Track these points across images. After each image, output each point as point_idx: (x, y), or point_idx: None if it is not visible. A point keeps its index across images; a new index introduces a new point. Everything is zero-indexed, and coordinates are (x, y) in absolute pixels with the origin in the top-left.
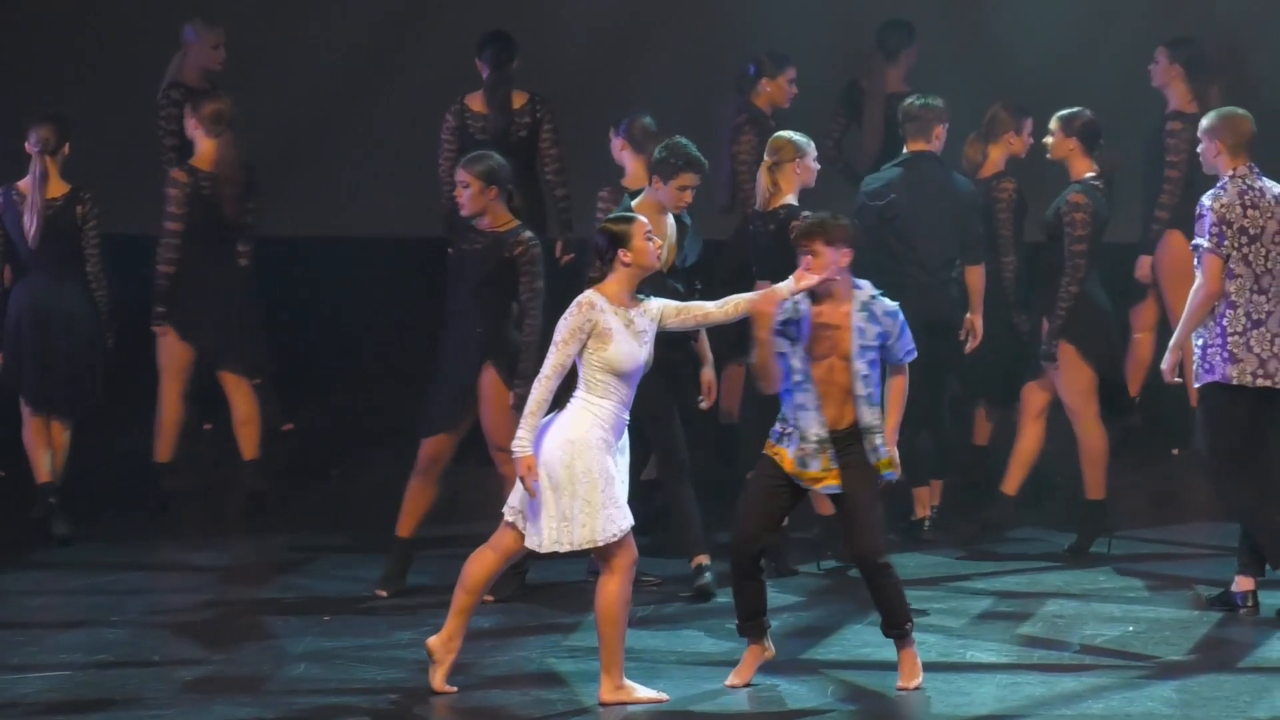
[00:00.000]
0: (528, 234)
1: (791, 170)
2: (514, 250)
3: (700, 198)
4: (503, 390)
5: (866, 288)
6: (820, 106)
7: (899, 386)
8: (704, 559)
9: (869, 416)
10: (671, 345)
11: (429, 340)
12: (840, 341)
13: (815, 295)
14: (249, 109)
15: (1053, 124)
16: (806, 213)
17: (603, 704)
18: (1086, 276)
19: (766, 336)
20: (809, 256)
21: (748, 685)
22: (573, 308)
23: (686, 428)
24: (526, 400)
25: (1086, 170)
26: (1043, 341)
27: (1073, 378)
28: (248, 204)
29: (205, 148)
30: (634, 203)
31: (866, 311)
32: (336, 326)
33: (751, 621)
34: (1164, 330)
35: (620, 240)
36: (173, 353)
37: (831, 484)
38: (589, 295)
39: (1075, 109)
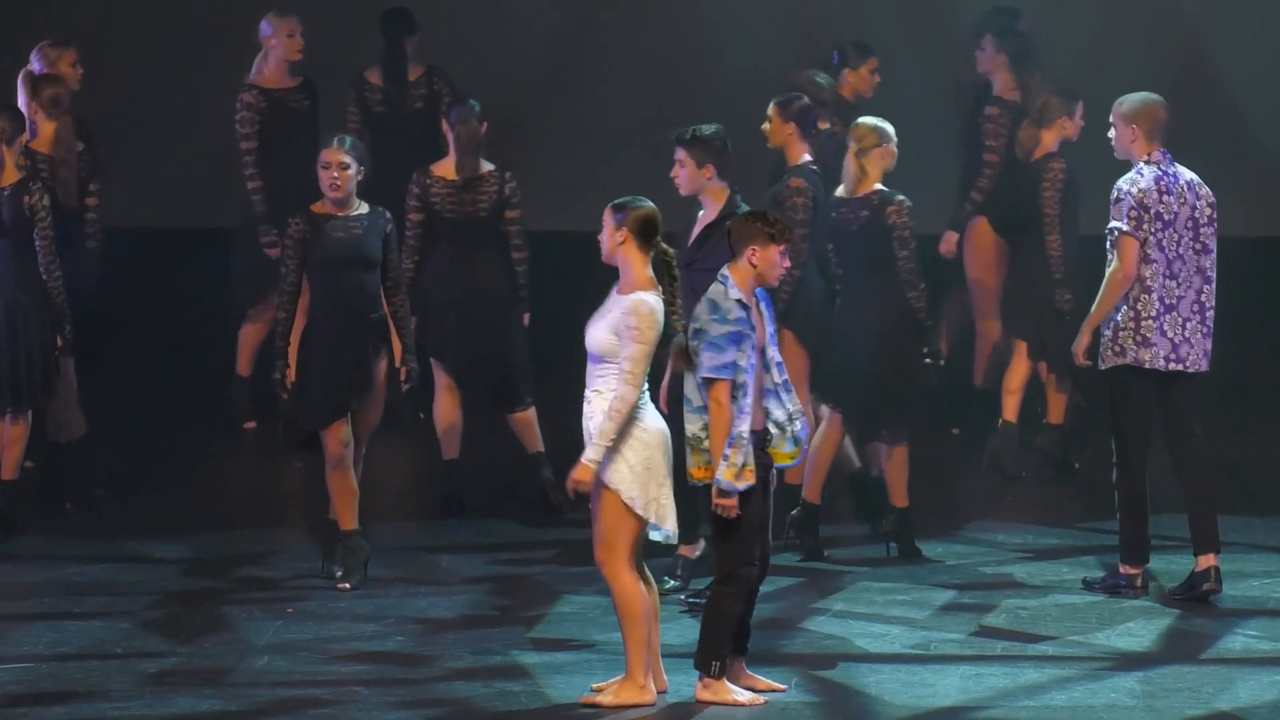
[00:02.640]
0: (383, 208)
1: (878, 156)
2: (387, 228)
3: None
4: (382, 375)
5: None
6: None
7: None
8: (688, 552)
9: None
10: None
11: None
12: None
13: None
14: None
15: (770, 110)
16: (901, 196)
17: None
18: (806, 261)
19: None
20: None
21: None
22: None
23: None
24: (415, 374)
25: (804, 154)
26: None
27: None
28: (89, 187)
29: (45, 131)
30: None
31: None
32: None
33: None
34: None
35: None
36: None
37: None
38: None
39: (793, 94)
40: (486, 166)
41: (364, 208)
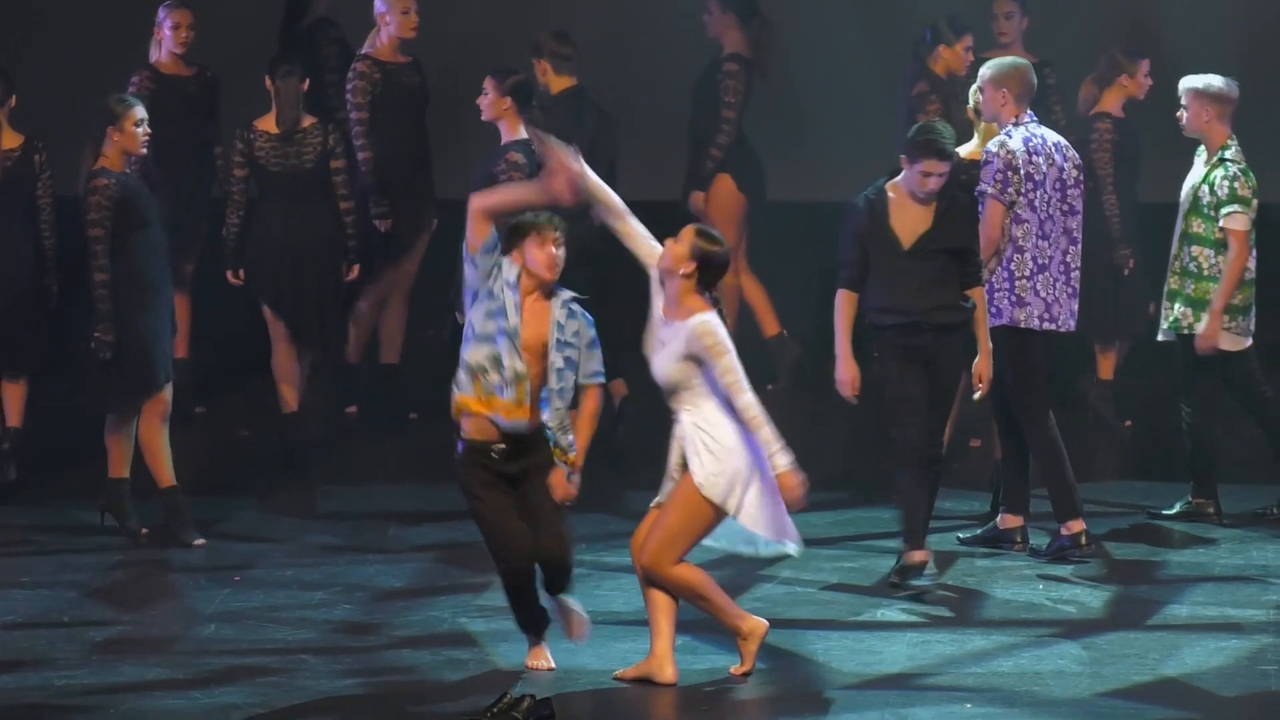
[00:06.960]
0: None
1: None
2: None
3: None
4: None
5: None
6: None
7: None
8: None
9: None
10: None
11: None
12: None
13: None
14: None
15: (486, 83)
16: None
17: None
18: None
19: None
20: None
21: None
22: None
23: None
24: None
25: (520, 130)
26: None
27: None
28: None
29: None
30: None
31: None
32: None
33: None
34: None
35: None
36: None
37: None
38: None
39: (510, 69)
40: (308, 119)
41: None
